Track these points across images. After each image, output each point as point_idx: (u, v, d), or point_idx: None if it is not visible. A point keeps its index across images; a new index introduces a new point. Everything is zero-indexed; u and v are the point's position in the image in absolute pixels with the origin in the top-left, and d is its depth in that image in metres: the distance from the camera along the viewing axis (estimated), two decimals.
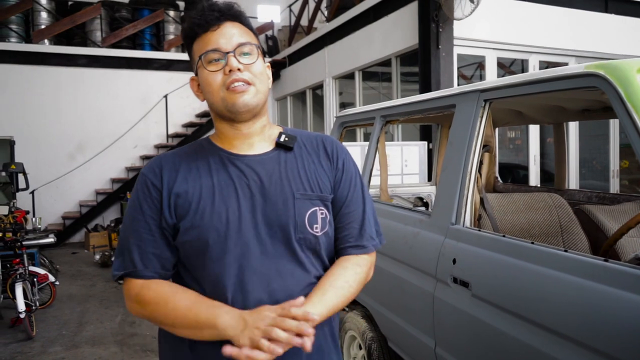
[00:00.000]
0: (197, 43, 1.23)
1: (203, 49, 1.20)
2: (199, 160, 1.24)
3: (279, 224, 1.19)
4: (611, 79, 1.50)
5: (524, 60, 6.79)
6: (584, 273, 1.46)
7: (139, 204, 1.21)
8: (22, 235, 5.34)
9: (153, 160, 1.27)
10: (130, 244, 1.20)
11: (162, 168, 1.23)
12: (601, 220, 2.47)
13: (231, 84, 1.18)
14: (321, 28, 9.17)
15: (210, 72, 1.19)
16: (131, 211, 1.22)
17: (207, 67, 1.20)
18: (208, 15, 1.20)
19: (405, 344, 2.45)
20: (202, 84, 1.23)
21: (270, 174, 1.23)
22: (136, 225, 1.20)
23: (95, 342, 4.57)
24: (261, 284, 1.16)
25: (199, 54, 1.21)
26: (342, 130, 3.55)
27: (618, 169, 7.43)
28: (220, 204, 1.17)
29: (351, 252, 1.29)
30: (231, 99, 1.18)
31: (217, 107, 1.22)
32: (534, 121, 3.46)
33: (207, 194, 1.19)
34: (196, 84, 1.28)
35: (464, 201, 2.07)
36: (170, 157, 1.26)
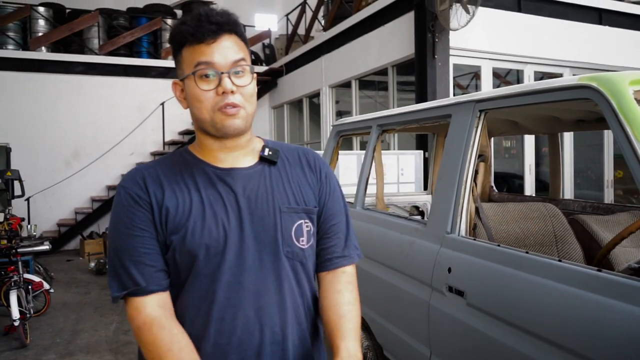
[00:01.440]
0: (188, 52, 1.15)
1: (195, 61, 1.14)
2: (183, 174, 1.21)
3: (267, 238, 1.19)
4: (604, 91, 1.53)
5: (519, 70, 6.85)
6: (577, 283, 1.47)
7: (128, 219, 1.15)
8: (17, 242, 5.31)
9: (133, 173, 1.21)
10: (125, 262, 1.14)
11: (145, 181, 1.18)
12: (595, 231, 2.49)
13: (224, 107, 1.14)
14: (318, 37, 9.22)
15: (202, 90, 1.14)
16: (120, 227, 1.16)
17: (199, 84, 1.14)
18: (205, 27, 1.13)
19: (401, 353, 2.45)
20: (190, 97, 1.17)
21: (257, 188, 1.21)
22: (129, 241, 1.15)
23: (89, 350, 4.54)
24: (250, 299, 1.16)
25: (191, 66, 1.15)
26: (338, 139, 3.57)
27: (612, 179, 7.48)
28: (211, 220, 1.16)
29: (339, 263, 1.29)
30: (221, 121, 1.15)
31: (203, 124, 1.18)
32: (529, 131, 3.49)
33: (196, 210, 1.16)
34: (179, 88, 1.21)
35: (459, 210, 2.09)
36: (151, 170, 1.21)
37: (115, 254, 1.16)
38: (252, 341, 1.15)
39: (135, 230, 1.15)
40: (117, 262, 1.16)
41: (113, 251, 1.17)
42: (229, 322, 1.14)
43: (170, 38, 1.20)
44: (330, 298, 1.26)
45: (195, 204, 1.16)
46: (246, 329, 1.15)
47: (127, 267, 1.14)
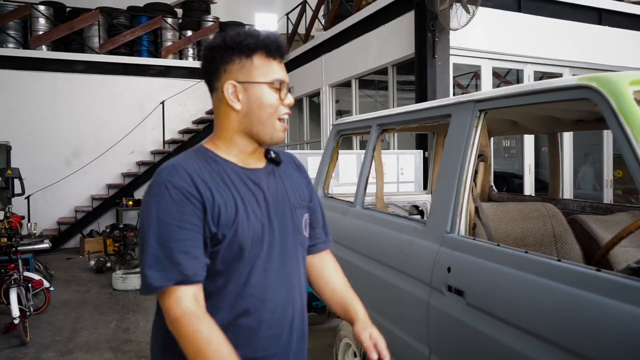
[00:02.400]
0: (261, 61, 1.31)
1: (272, 75, 1.31)
2: (220, 173, 1.31)
3: (288, 230, 1.38)
4: (604, 92, 1.53)
5: (519, 70, 6.85)
6: (577, 282, 1.48)
7: (177, 212, 1.21)
8: (17, 240, 5.32)
9: (174, 169, 1.26)
10: (174, 253, 1.19)
11: (192, 178, 1.25)
12: (594, 230, 2.49)
13: (284, 116, 1.34)
14: (318, 36, 9.23)
15: (275, 98, 1.31)
16: (168, 220, 1.21)
17: (272, 94, 1.31)
18: (283, 47, 1.33)
19: (400, 352, 2.46)
20: (259, 100, 1.31)
21: (274, 186, 1.39)
22: (178, 233, 1.21)
23: (89, 348, 4.55)
24: (282, 281, 1.35)
25: (265, 76, 1.30)
26: (338, 138, 3.58)
27: (612, 179, 7.49)
28: (252, 215, 1.30)
29: (322, 247, 1.59)
30: (278, 132, 1.34)
31: (259, 125, 1.32)
32: (529, 131, 3.50)
33: (240, 206, 1.29)
34: (234, 90, 1.31)
35: (459, 210, 2.09)
36: (192, 167, 1.28)
37: (161, 245, 1.20)
38: (287, 316, 1.35)
39: (185, 224, 1.22)
40: (162, 252, 1.20)
41: (157, 242, 1.21)
42: (271, 301, 1.31)
43: (237, 44, 1.30)
44: (330, 274, 1.57)
45: (238, 201, 1.29)
46: (282, 307, 1.34)
47: (175, 258, 1.19)
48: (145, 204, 1.26)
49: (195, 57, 11.50)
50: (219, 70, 1.32)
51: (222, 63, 1.31)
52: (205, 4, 12.27)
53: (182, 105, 10.69)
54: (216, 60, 1.32)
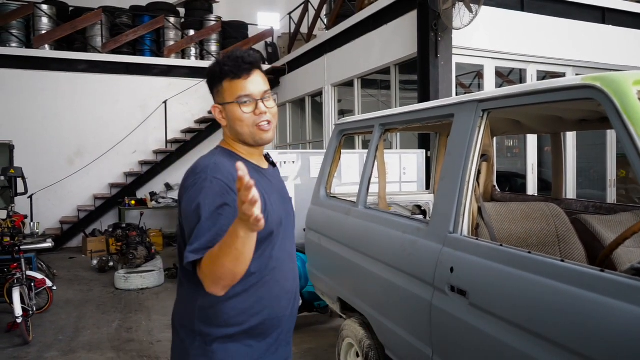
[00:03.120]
0: (229, 85, 1.56)
1: (237, 93, 1.55)
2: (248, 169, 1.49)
3: (290, 217, 1.72)
4: (607, 91, 1.53)
5: (522, 69, 6.84)
6: (580, 283, 1.47)
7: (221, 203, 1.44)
8: (20, 239, 5.33)
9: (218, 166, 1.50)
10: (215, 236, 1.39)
11: (232, 175, 1.45)
12: (598, 230, 2.49)
13: (260, 124, 1.57)
14: (321, 36, 9.22)
15: (244, 113, 1.56)
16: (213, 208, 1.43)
17: (242, 108, 1.55)
18: (242, 66, 1.55)
19: (403, 352, 2.46)
20: (232, 117, 1.58)
21: (279, 184, 1.73)
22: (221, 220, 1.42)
23: (92, 347, 4.56)
24: (288, 256, 1.67)
25: (233, 96, 1.55)
26: (341, 138, 3.57)
27: (615, 179, 7.46)
28: (275, 204, 1.59)
29: None
30: (259, 135, 1.59)
31: (243, 137, 1.60)
32: (532, 131, 3.49)
33: (267, 197, 1.54)
34: (219, 111, 1.61)
35: (461, 210, 2.08)
36: (229, 166, 1.50)
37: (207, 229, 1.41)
38: (295, 286, 1.69)
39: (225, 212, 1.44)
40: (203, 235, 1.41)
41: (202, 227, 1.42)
42: (284, 271, 1.62)
43: (211, 74, 1.60)
44: None
45: (264, 193, 1.51)
46: (291, 276, 1.67)
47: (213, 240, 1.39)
48: (191, 196, 1.47)
49: (197, 57, 11.50)
50: (212, 95, 1.63)
51: (210, 89, 1.63)
52: (208, 3, 12.27)
53: (185, 104, 10.70)
54: (209, 87, 1.63)
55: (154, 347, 4.55)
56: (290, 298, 1.65)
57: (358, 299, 2.92)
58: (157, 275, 6.78)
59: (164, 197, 9.81)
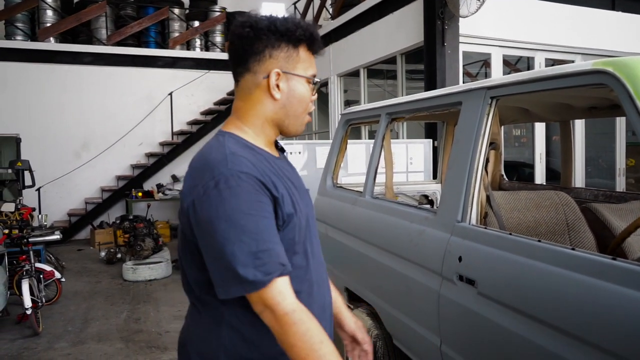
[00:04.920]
0: (305, 55, 1.31)
1: (310, 70, 1.33)
2: (267, 163, 1.28)
3: (311, 211, 1.42)
4: (620, 76, 1.49)
5: (529, 57, 6.76)
6: (591, 271, 1.45)
7: (257, 202, 1.17)
8: (28, 232, 5.37)
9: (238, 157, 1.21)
10: (268, 244, 1.15)
11: (259, 170, 1.21)
12: (608, 219, 2.46)
13: (310, 111, 1.37)
14: (326, 25, 9.16)
15: (308, 94, 1.34)
16: (250, 210, 1.15)
17: (308, 89, 1.33)
18: (319, 43, 1.34)
19: (411, 342, 2.45)
20: (293, 94, 1.31)
21: (295, 174, 1.42)
22: (263, 223, 1.16)
23: (100, 338, 4.59)
24: (325, 271, 1.43)
25: (306, 70, 1.31)
26: (347, 128, 3.55)
27: (624, 167, 7.40)
28: (298, 199, 1.31)
29: None
30: (302, 125, 1.37)
31: (292, 118, 1.33)
32: (541, 119, 3.45)
33: (295, 194, 1.30)
34: (277, 77, 1.28)
35: (470, 199, 2.06)
36: (252, 159, 1.24)
37: (252, 239, 1.13)
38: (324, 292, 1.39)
39: (266, 213, 1.18)
40: (255, 246, 1.13)
41: (246, 236, 1.13)
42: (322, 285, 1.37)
43: (284, 31, 1.27)
44: None
45: (291, 189, 1.30)
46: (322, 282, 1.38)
47: (271, 249, 1.15)
48: (214, 200, 1.15)
49: (202, 48, 11.46)
50: (263, 54, 1.27)
51: (269, 47, 1.27)
52: None
53: (190, 96, 10.68)
54: (262, 42, 1.26)
55: (162, 337, 4.58)
56: (328, 317, 1.38)
57: (365, 289, 2.92)
58: (165, 267, 6.82)
59: (170, 189, 9.83)
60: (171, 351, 4.25)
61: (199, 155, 1.27)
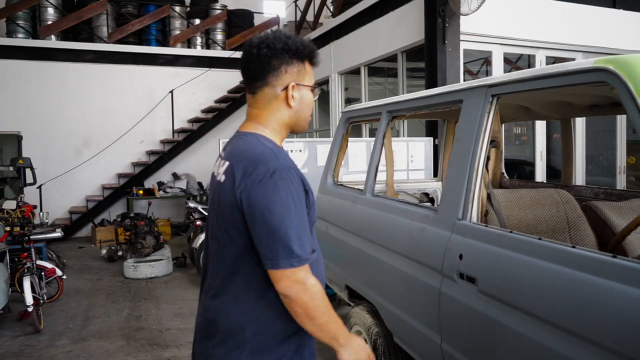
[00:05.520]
0: (309, 68, 1.57)
1: (313, 80, 1.58)
2: None
3: None
4: (621, 74, 1.49)
5: (530, 55, 6.75)
6: (592, 269, 1.46)
7: (301, 196, 1.41)
8: (30, 229, 5.38)
9: (285, 155, 1.46)
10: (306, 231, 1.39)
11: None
12: (608, 217, 2.46)
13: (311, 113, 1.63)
14: (327, 23, 9.15)
15: (313, 100, 1.59)
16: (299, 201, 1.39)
17: (313, 94, 1.59)
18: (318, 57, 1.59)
19: (411, 340, 2.46)
20: (305, 101, 1.56)
21: None
22: (304, 214, 1.40)
23: (102, 335, 4.60)
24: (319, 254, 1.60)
25: (311, 81, 1.57)
26: (348, 126, 3.55)
27: (625, 165, 7.39)
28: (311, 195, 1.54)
29: None
30: (307, 123, 1.62)
31: (303, 121, 1.58)
32: (541, 117, 3.45)
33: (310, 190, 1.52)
34: (294, 89, 1.53)
35: (470, 197, 2.06)
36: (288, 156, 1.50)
37: (299, 224, 1.37)
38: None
39: (305, 206, 1.42)
40: (301, 231, 1.37)
41: (297, 221, 1.37)
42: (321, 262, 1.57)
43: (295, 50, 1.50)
44: None
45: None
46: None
47: (307, 236, 1.39)
48: (270, 187, 1.36)
49: (203, 46, 11.45)
50: (279, 70, 1.50)
51: (284, 64, 1.50)
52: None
53: (191, 94, 10.68)
54: (278, 59, 1.49)
55: (163, 335, 4.59)
56: None
57: (366, 287, 2.92)
58: (166, 264, 6.82)
59: (171, 187, 9.84)
60: (172, 348, 4.26)
61: (241, 150, 1.46)
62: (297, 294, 1.35)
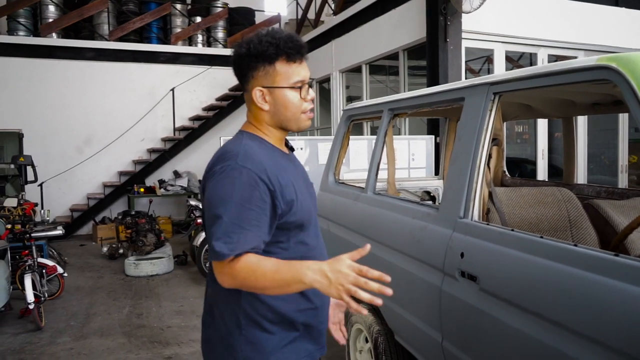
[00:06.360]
0: (283, 67, 1.46)
1: (292, 77, 1.47)
2: (275, 157, 1.51)
3: (316, 205, 1.65)
4: (624, 72, 1.49)
5: (532, 54, 6.74)
6: (594, 268, 1.45)
7: (248, 195, 1.37)
8: (31, 227, 5.38)
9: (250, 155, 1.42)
10: (240, 229, 1.34)
11: (263, 165, 1.42)
12: (610, 215, 2.45)
13: (308, 110, 1.53)
14: (328, 21, 9.13)
15: (298, 98, 1.49)
16: (240, 200, 1.36)
17: (294, 94, 1.49)
18: (301, 50, 1.48)
19: (412, 338, 2.45)
20: (281, 102, 1.49)
21: (301, 169, 1.65)
22: (247, 213, 1.36)
23: (103, 333, 4.61)
24: (321, 245, 1.63)
25: (287, 80, 1.47)
26: (349, 124, 3.55)
27: (627, 164, 7.38)
28: (304, 192, 1.55)
29: None
30: (304, 122, 1.54)
31: (287, 123, 1.53)
32: (543, 115, 3.44)
33: (297, 186, 1.51)
34: (261, 94, 1.49)
35: (472, 195, 2.06)
36: (259, 154, 1.45)
37: (232, 222, 1.35)
38: None
39: (253, 206, 1.38)
40: (231, 228, 1.34)
41: (228, 219, 1.35)
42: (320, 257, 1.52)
43: (261, 54, 1.45)
44: None
45: (294, 182, 1.50)
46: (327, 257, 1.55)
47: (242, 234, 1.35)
48: (217, 184, 1.39)
49: (204, 44, 11.44)
50: (246, 76, 1.50)
51: (249, 70, 1.49)
52: None
53: (192, 92, 10.68)
54: (243, 67, 1.49)
55: (164, 332, 4.59)
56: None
57: None
58: (167, 262, 6.83)
59: (172, 185, 9.84)
60: (173, 346, 4.26)
61: (221, 146, 1.53)
62: (228, 284, 1.37)
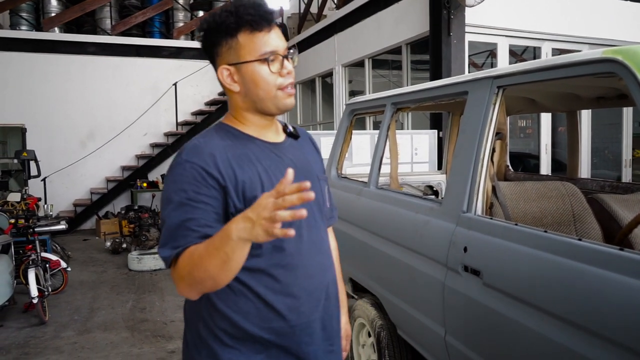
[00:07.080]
0: (248, 39, 1.27)
1: (260, 49, 1.27)
2: (242, 148, 1.31)
3: (315, 201, 1.34)
4: (629, 65, 1.47)
5: (536, 47, 6.70)
6: (598, 262, 1.44)
7: (193, 192, 1.22)
8: (34, 221, 5.39)
9: (196, 148, 1.26)
10: (184, 229, 1.20)
11: (214, 158, 1.25)
12: (615, 210, 2.44)
13: (287, 87, 1.31)
14: (331, 15, 9.09)
15: (269, 73, 1.28)
16: (183, 198, 1.22)
17: (264, 68, 1.27)
18: (266, 16, 1.26)
19: (415, 332, 2.45)
20: (251, 80, 1.29)
21: (297, 159, 1.39)
22: (191, 213, 1.21)
23: (106, 327, 4.62)
24: (313, 249, 1.36)
25: (254, 53, 1.27)
26: (352, 118, 3.53)
27: (631, 159, 7.35)
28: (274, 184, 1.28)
29: (332, 221, 1.60)
30: (283, 100, 1.31)
31: (264, 104, 1.31)
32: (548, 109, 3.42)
33: (265, 179, 1.28)
34: (228, 73, 1.30)
35: (475, 189, 2.05)
36: (215, 146, 1.27)
37: (176, 223, 1.21)
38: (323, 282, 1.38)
39: (199, 204, 1.22)
40: (175, 228, 1.21)
41: (172, 219, 1.22)
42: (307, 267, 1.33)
43: (219, 26, 1.27)
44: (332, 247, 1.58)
45: (262, 175, 1.29)
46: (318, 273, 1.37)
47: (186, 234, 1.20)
48: (165, 181, 1.28)
49: None
50: (212, 55, 1.32)
51: (212, 47, 1.31)
52: None
53: (195, 86, 10.67)
54: (206, 45, 1.32)
55: (167, 327, 4.61)
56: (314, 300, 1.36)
57: (370, 280, 2.92)
58: None
59: None
60: (176, 340, 4.28)
61: None
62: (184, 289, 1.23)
